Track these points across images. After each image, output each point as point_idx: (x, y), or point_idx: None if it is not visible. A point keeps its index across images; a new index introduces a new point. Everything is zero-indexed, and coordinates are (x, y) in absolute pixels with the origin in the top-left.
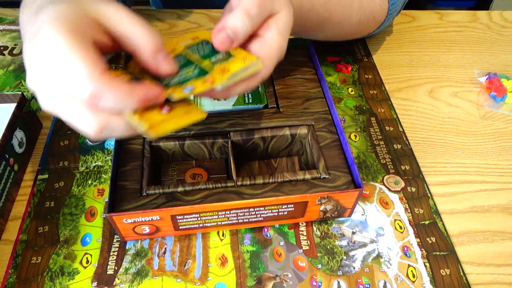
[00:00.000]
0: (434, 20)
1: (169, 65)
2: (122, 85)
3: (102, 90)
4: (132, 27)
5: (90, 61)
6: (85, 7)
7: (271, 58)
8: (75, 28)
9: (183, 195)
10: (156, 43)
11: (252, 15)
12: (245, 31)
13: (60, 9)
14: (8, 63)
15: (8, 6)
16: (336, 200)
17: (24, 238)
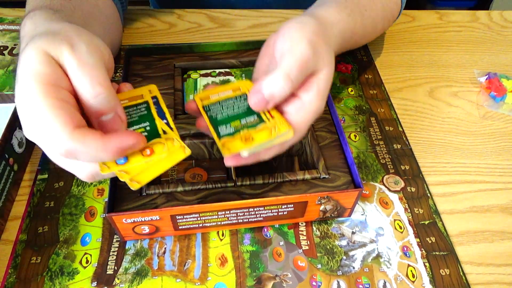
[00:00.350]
0: (434, 20)
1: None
2: (95, 140)
3: (75, 147)
4: (83, 80)
5: (62, 119)
6: (50, 50)
7: (307, 123)
8: (46, 83)
9: (182, 195)
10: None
11: (292, 78)
12: (283, 95)
13: (30, 62)
14: (8, 63)
15: (8, 6)
16: (336, 200)
17: (24, 238)
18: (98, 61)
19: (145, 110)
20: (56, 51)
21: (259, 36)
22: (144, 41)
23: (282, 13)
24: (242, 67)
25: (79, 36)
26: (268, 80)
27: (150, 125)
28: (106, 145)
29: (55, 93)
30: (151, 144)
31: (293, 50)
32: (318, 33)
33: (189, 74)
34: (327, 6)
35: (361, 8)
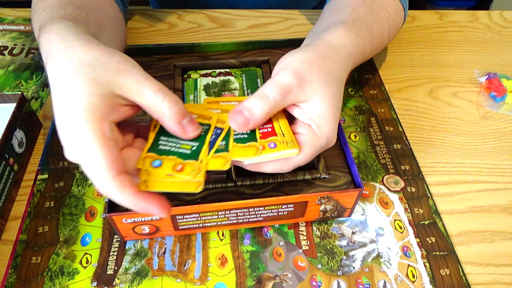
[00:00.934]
0: (434, 20)
1: (195, 129)
2: (129, 194)
3: (111, 194)
4: (154, 98)
5: (107, 164)
6: (108, 83)
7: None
8: (99, 120)
9: (183, 195)
10: (179, 112)
11: (270, 98)
12: (262, 115)
13: (86, 96)
14: (8, 63)
15: (8, 6)
16: (336, 200)
17: (24, 238)
18: (152, 78)
19: (204, 132)
20: (118, 84)
21: (259, 36)
22: (144, 41)
23: (282, 13)
24: (242, 67)
25: (127, 62)
26: (247, 100)
27: (198, 146)
28: (136, 203)
29: (106, 131)
30: (186, 163)
31: (275, 76)
32: (309, 62)
33: (189, 74)
34: (335, 28)
35: (368, 26)
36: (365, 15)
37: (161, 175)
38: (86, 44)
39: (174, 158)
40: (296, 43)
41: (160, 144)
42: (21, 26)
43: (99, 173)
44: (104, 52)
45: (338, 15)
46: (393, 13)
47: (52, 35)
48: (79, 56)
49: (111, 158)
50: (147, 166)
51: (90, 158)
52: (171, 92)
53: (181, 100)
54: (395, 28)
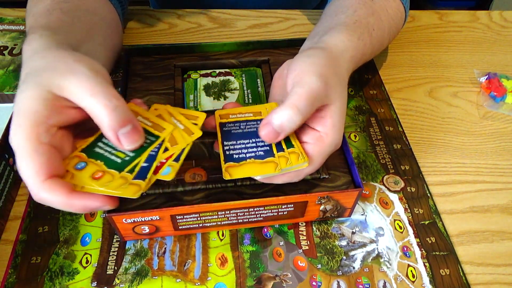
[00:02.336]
0: (434, 20)
1: (131, 142)
2: (60, 196)
3: (43, 198)
4: (90, 100)
5: (35, 168)
6: (50, 85)
7: (322, 154)
8: (32, 124)
9: (182, 195)
10: (117, 119)
11: (301, 109)
12: (293, 127)
13: (25, 99)
14: (8, 63)
15: (8, 6)
16: (336, 200)
17: (24, 238)
18: (104, 81)
19: (147, 144)
20: (59, 85)
21: (259, 36)
22: (144, 41)
23: (282, 13)
24: (242, 67)
25: (79, 63)
26: (277, 111)
27: (132, 157)
28: (72, 203)
29: (40, 135)
30: (107, 171)
31: (302, 82)
32: (328, 65)
33: (189, 74)
34: (337, 32)
35: (369, 28)
36: (366, 17)
37: (84, 179)
38: (48, 50)
39: (100, 164)
40: (296, 43)
41: (97, 146)
42: (21, 26)
43: (28, 179)
44: (58, 56)
45: (339, 17)
46: (394, 14)
47: (26, 45)
48: (33, 63)
49: (40, 163)
50: (70, 166)
51: (20, 164)
52: (113, 95)
53: (125, 105)
54: (396, 29)
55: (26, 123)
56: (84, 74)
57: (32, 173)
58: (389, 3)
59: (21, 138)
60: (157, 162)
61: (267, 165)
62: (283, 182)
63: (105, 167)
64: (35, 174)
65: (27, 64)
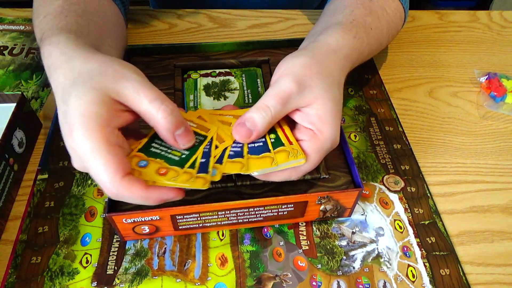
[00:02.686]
0: (434, 20)
1: (187, 142)
2: (139, 191)
3: (121, 195)
4: (149, 106)
5: (112, 168)
6: (106, 89)
7: (319, 151)
8: (100, 127)
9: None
10: (173, 122)
11: (271, 109)
12: (265, 125)
13: (85, 104)
14: (8, 63)
15: (8, 6)
16: (336, 200)
17: (24, 238)
18: (153, 86)
19: (198, 143)
20: (115, 90)
21: (259, 36)
22: (144, 41)
23: (282, 13)
24: (242, 67)
25: (126, 69)
26: (249, 112)
27: (188, 155)
28: (149, 196)
29: (109, 137)
30: (170, 168)
31: (276, 83)
32: (308, 66)
33: (189, 74)
34: (332, 31)
35: (366, 27)
36: (363, 17)
37: (152, 175)
38: (86, 55)
39: (161, 162)
40: (296, 43)
41: (152, 147)
42: (21, 26)
43: (107, 178)
44: (102, 61)
45: (336, 16)
46: (393, 14)
47: (53, 48)
48: (79, 67)
49: (116, 162)
50: (133, 165)
51: (96, 165)
52: (168, 101)
53: (178, 109)
54: (395, 29)
55: (94, 126)
56: (136, 80)
57: (111, 173)
58: (388, 3)
59: (93, 141)
60: (212, 157)
61: (264, 160)
62: (281, 180)
63: (167, 164)
64: (114, 173)
65: (66, 69)
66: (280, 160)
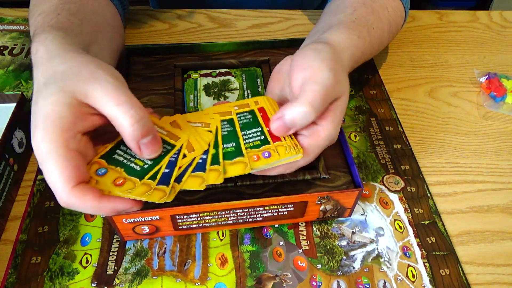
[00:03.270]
0: (434, 20)
1: (152, 152)
2: (90, 201)
3: (72, 204)
4: (116, 110)
5: (64, 175)
6: (75, 91)
7: (317, 147)
8: (61, 131)
9: (182, 195)
10: (140, 130)
11: (316, 107)
12: (305, 124)
13: (50, 105)
14: (8, 63)
15: (8, 6)
16: (336, 200)
17: (24, 238)
18: (126, 90)
19: (164, 153)
20: (84, 92)
21: (259, 36)
22: (144, 41)
23: (282, 13)
24: (242, 67)
25: (101, 70)
26: (290, 107)
27: (150, 165)
28: (102, 207)
29: (68, 141)
30: (129, 179)
31: (315, 78)
32: (335, 60)
33: (189, 74)
34: (336, 30)
35: (369, 27)
36: (366, 16)
37: (108, 185)
38: (67, 54)
39: (120, 171)
40: (296, 43)
41: (116, 153)
42: (21, 26)
43: (58, 185)
44: (80, 61)
45: (338, 16)
46: (394, 13)
47: (40, 45)
48: (55, 67)
49: (70, 169)
50: (91, 172)
51: (49, 170)
52: (138, 106)
53: (148, 116)
54: (396, 28)
55: (53, 129)
56: (108, 82)
57: (62, 180)
58: (389, 2)
59: (50, 144)
60: (177, 168)
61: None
62: (276, 174)
63: (125, 174)
64: (65, 181)
65: (45, 67)
66: (276, 157)
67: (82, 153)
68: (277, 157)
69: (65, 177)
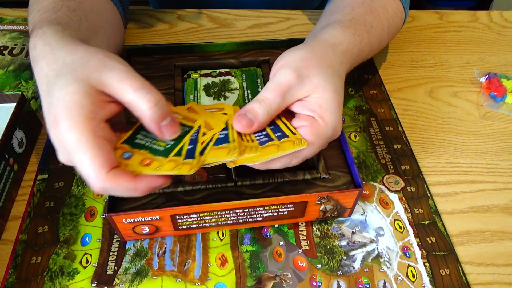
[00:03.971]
0: (434, 20)
1: (172, 132)
2: (126, 183)
3: (108, 189)
4: (134, 96)
5: (98, 162)
6: (90, 80)
7: (321, 136)
8: (86, 119)
9: (182, 195)
10: (159, 113)
11: (271, 101)
12: (265, 117)
13: (69, 95)
14: (8, 63)
15: (8, 6)
16: (336, 200)
17: (24, 238)
18: (138, 76)
19: (183, 134)
20: (99, 80)
21: (259, 36)
22: (144, 41)
23: (282, 13)
24: (242, 67)
25: (110, 58)
26: (250, 103)
27: (173, 145)
28: (137, 187)
29: (95, 129)
30: (155, 158)
31: (275, 75)
32: (308, 58)
33: (189, 74)
34: (331, 28)
35: (367, 25)
36: (363, 15)
37: (136, 167)
38: (70, 46)
39: (145, 153)
40: (296, 43)
41: (137, 138)
42: (21, 26)
43: (93, 173)
44: (86, 51)
45: (335, 16)
46: (393, 13)
47: (38, 40)
48: (62, 58)
49: (102, 156)
50: (117, 157)
51: (82, 159)
52: (154, 91)
53: (164, 100)
54: (395, 28)
55: (79, 118)
56: (121, 70)
57: (96, 166)
58: (389, 2)
59: (78, 133)
60: (200, 144)
61: (269, 148)
62: (281, 167)
63: (151, 155)
64: (99, 167)
65: (50, 60)
66: (285, 149)
67: (108, 140)
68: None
69: (98, 164)
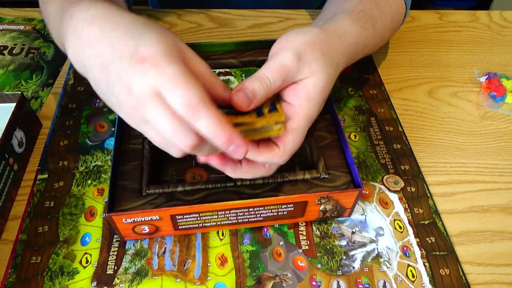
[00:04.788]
0: (434, 20)
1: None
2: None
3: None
4: (208, 71)
5: (201, 91)
6: (175, 41)
7: (299, 127)
8: (184, 61)
9: (182, 195)
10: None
11: (270, 79)
12: (263, 94)
13: (164, 40)
14: (8, 63)
15: (8, 6)
16: (336, 200)
17: (24, 238)
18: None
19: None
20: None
21: (259, 36)
22: None
23: (282, 13)
24: (242, 67)
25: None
26: (249, 80)
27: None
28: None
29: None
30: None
31: (276, 56)
32: (311, 43)
33: None
34: (340, 18)
35: (373, 20)
36: (370, 9)
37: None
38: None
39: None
40: None
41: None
42: (21, 26)
43: (196, 101)
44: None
45: (345, 5)
46: (396, 10)
47: (90, 5)
48: (133, 18)
49: (201, 88)
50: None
51: (185, 89)
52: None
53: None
54: (396, 25)
55: (180, 57)
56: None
57: (202, 95)
58: None
59: (178, 65)
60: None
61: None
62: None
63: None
64: (201, 95)
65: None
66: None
67: None
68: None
69: (201, 92)
